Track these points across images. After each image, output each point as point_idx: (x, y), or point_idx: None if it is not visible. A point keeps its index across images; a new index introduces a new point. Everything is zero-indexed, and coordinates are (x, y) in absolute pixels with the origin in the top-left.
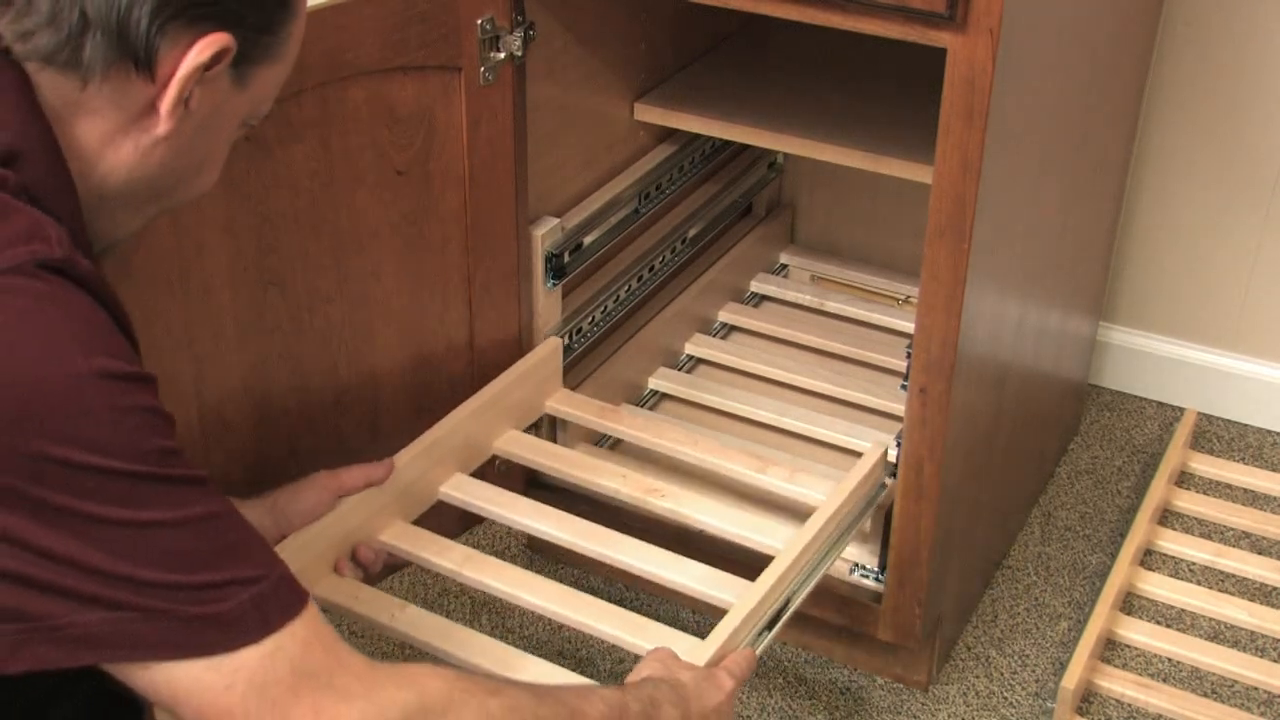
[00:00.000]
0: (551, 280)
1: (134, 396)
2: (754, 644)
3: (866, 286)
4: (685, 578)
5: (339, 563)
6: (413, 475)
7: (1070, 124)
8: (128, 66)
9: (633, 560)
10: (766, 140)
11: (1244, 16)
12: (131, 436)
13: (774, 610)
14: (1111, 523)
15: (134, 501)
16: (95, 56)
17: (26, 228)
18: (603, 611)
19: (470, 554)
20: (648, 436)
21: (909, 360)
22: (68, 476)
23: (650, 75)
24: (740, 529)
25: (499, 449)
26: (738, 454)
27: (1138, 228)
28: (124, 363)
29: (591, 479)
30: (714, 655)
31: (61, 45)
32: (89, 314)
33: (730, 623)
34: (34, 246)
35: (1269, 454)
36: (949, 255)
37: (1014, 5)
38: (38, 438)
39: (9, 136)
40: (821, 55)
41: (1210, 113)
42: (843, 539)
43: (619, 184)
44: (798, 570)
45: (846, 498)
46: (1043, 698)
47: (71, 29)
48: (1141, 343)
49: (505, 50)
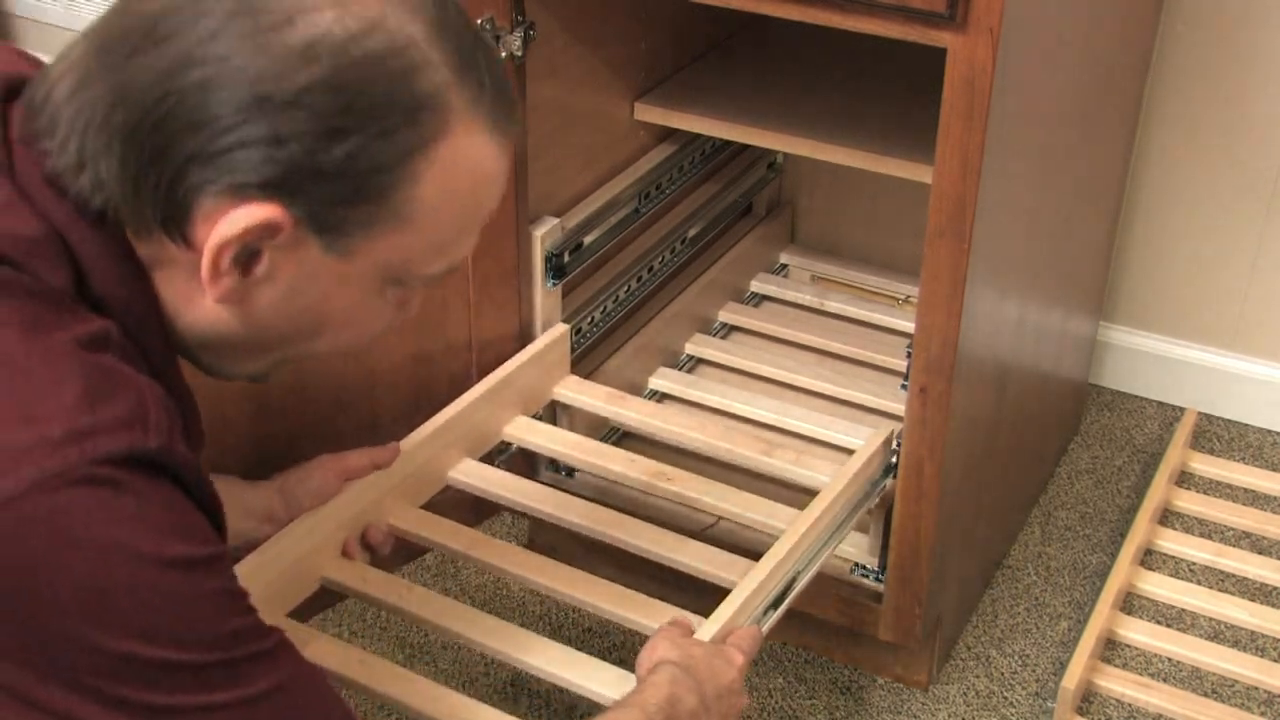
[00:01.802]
0: (551, 280)
1: (205, 582)
2: (759, 623)
3: (866, 286)
4: (691, 559)
5: (348, 544)
6: (421, 459)
7: (1070, 124)
8: (158, 230)
9: (638, 541)
10: (766, 140)
11: (1244, 17)
12: (202, 626)
13: (779, 589)
14: (1111, 522)
15: (203, 687)
16: (140, 214)
17: (128, 411)
18: (608, 591)
19: (477, 537)
20: (656, 422)
21: (909, 360)
22: (136, 670)
23: (650, 75)
24: (747, 511)
25: (509, 435)
26: (744, 438)
27: (1138, 228)
28: (198, 545)
29: (599, 463)
30: (718, 633)
31: (118, 201)
32: (169, 499)
33: (735, 600)
34: (133, 434)
35: (1269, 454)
36: (949, 255)
37: (1014, 5)
38: (105, 632)
39: (108, 285)
40: (821, 55)
41: (1210, 113)
42: (849, 520)
43: (619, 184)
44: (802, 549)
45: (851, 479)
46: (1043, 697)
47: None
48: (1141, 343)
49: (505, 50)
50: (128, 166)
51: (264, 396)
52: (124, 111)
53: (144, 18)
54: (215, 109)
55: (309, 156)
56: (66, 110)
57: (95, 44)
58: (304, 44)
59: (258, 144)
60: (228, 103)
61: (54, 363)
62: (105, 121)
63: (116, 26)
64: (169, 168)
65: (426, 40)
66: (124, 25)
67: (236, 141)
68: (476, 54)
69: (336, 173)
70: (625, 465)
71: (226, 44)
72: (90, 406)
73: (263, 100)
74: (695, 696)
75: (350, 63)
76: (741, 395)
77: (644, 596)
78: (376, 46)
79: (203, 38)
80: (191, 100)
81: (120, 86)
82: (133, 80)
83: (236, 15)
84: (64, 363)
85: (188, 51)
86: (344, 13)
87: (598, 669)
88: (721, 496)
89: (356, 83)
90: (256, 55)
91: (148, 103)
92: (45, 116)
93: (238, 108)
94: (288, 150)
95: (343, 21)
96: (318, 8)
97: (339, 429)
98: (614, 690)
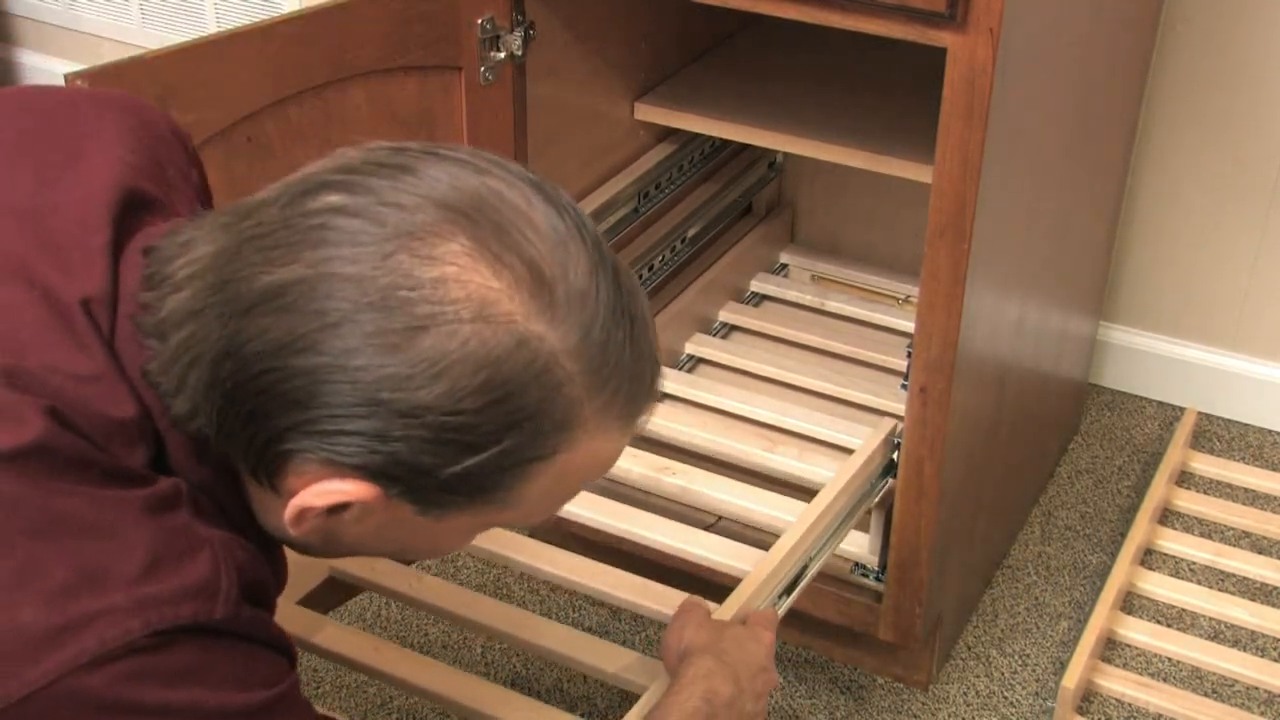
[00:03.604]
0: None
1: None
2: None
3: (866, 286)
4: (701, 549)
5: None
6: None
7: (1070, 124)
8: (250, 473)
9: (646, 533)
10: (766, 140)
11: (1244, 17)
12: None
13: (790, 577)
14: (1111, 522)
15: None
16: (230, 454)
17: (199, 581)
18: (619, 579)
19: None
20: (657, 419)
21: (909, 360)
22: None
23: (650, 75)
24: (752, 504)
25: None
26: (746, 434)
27: (1138, 227)
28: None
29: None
30: (734, 616)
31: (188, 418)
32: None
33: (747, 587)
34: (198, 604)
35: (1269, 454)
36: (949, 255)
37: (1014, 5)
38: None
39: (188, 469)
40: (822, 55)
41: (1210, 112)
42: (853, 514)
43: (618, 183)
44: (812, 538)
45: (858, 471)
46: (1043, 697)
47: (192, 408)
48: (1141, 342)
49: (505, 50)
50: (225, 416)
51: None
52: (232, 365)
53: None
54: (327, 398)
55: (416, 461)
56: (177, 334)
57: (220, 269)
58: (435, 356)
59: (364, 435)
60: (341, 394)
61: (121, 527)
62: (213, 365)
63: (242, 260)
64: (266, 430)
65: (569, 354)
66: (249, 268)
67: (344, 430)
68: (625, 351)
69: (445, 480)
70: (629, 461)
71: (353, 338)
72: (157, 575)
73: (380, 403)
74: (730, 684)
75: (477, 387)
76: (741, 395)
77: (661, 586)
78: (513, 369)
79: (327, 324)
80: (300, 382)
81: (232, 339)
82: (246, 339)
83: (368, 309)
84: (131, 527)
85: (308, 333)
86: (484, 326)
87: (617, 653)
88: (725, 490)
89: (478, 407)
90: (382, 358)
91: (256, 370)
92: (156, 314)
93: (353, 403)
94: (395, 451)
95: (481, 336)
96: (458, 319)
97: None
98: (636, 675)
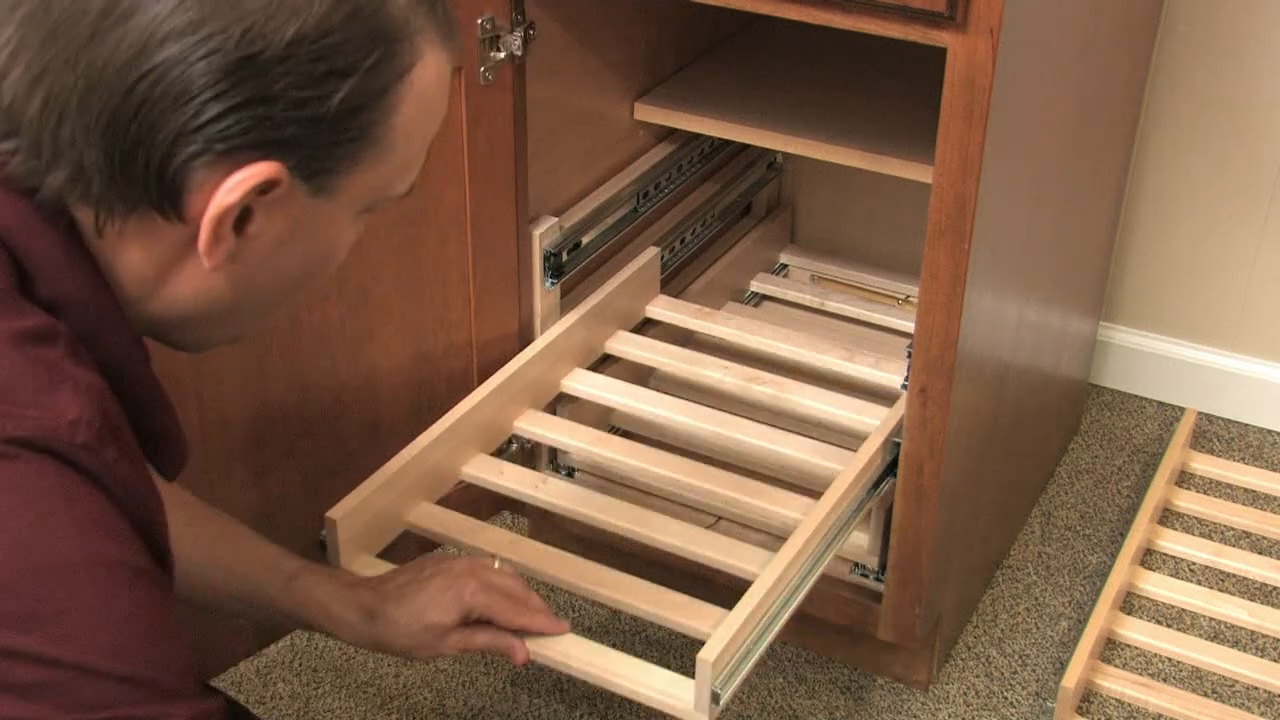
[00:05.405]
0: (550, 279)
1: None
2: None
3: (866, 286)
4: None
5: None
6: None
7: (1070, 124)
8: (148, 208)
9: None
10: (766, 140)
11: (1244, 17)
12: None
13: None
14: (1111, 522)
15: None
16: (109, 196)
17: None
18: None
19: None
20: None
21: (909, 360)
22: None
23: (650, 75)
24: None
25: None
26: (826, 345)
27: (1138, 228)
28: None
29: (698, 371)
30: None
31: (71, 184)
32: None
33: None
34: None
35: (1269, 454)
36: (949, 255)
37: (1014, 5)
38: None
39: (58, 284)
40: (821, 55)
41: (1210, 112)
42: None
43: (618, 183)
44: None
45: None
46: (1043, 697)
47: (74, 169)
48: (1142, 342)
49: (505, 50)
50: (112, 154)
51: (264, 396)
52: (99, 98)
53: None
54: (198, 79)
55: (300, 109)
56: (28, 108)
57: (39, 28)
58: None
59: (245, 106)
60: (210, 71)
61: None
62: (80, 110)
63: (59, 6)
64: (159, 148)
65: None
66: (72, 4)
67: (223, 109)
68: None
69: (329, 119)
70: (721, 373)
71: (198, 9)
72: (11, 396)
73: (246, 61)
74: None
75: (330, 6)
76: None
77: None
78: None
79: (172, 7)
80: (171, 75)
81: (89, 72)
82: (102, 63)
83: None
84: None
85: (157, 24)
86: None
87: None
88: (813, 396)
89: (340, 25)
90: (239, 12)
91: (124, 85)
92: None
93: (221, 74)
94: (277, 107)
95: None
96: None
97: (338, 429)
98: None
